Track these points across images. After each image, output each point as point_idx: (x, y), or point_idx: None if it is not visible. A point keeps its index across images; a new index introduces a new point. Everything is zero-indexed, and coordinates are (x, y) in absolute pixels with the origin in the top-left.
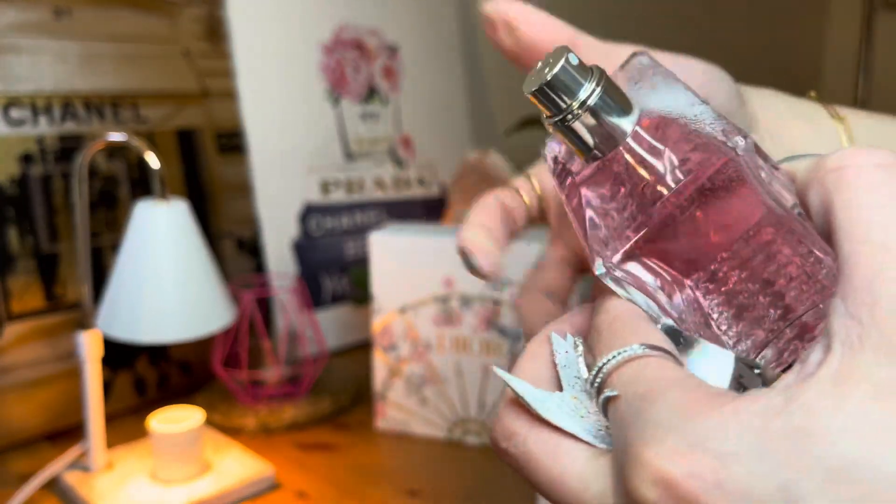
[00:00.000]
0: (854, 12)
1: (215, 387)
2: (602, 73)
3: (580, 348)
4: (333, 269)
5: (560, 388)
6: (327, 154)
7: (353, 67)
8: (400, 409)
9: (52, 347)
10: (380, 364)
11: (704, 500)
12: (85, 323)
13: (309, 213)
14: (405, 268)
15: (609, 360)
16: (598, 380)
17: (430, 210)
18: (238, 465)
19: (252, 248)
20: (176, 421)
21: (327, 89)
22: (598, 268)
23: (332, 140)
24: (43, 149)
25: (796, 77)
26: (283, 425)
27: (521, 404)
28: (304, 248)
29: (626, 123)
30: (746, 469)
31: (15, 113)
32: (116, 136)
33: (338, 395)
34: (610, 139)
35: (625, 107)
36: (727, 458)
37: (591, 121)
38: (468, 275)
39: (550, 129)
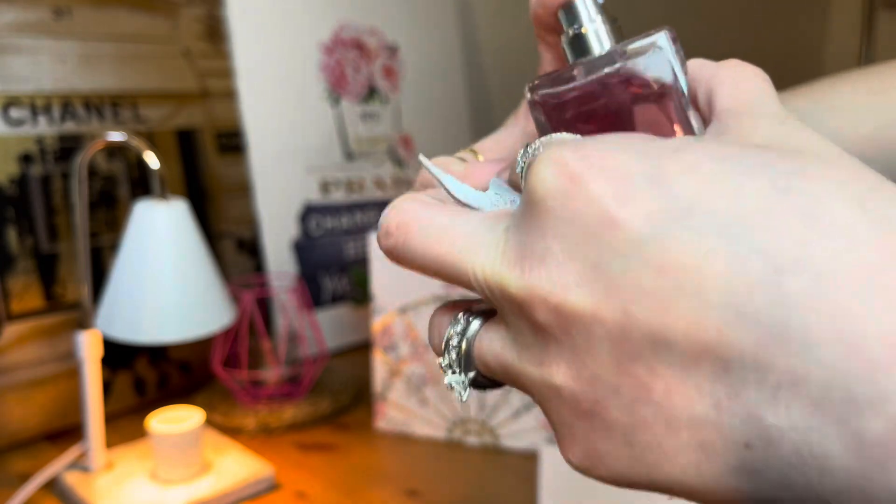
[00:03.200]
0: (855, 12)
1: (215, 387)
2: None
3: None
4: (333, 269)
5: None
6: (327, 154)
7: (353, 67)
8: (400, 409)
9: (51, 347)
10: (380, 364)
11: (588, 173)
12: (84, 323)
13: (309, 212)
14: None
15: (544, 139)
16: (530, 151)
17: None
18: (238, 465)
19: (252, 248)
20: (176, 421)
21: (327, 89)
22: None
23: (332, 140)
24: (42, 149)
25: (797, 77)
26: (283, 425)
27: (409, 197)
28: (304, 248)
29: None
30: (623, 158)
31: (14, 113)
32: (116, 136)
33: (338, 395)
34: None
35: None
36: (610, 150)
37: (594, 40)
38: None
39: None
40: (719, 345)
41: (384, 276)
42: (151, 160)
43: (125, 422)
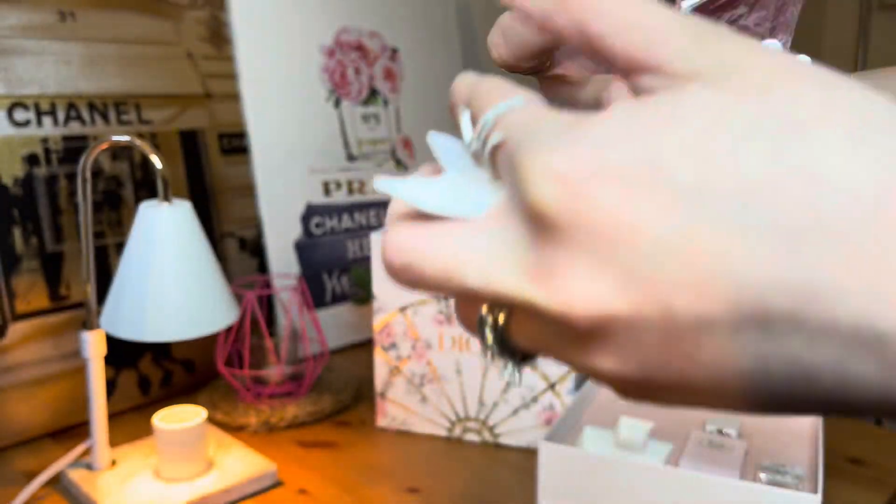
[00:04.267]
0: (850, 13)
1: (218, 385)
2: None
3: (465, 114)
4: (335, 269)
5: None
6: (329, 155)
7: (354, 69)
8: (400, 407)
9: (56, 346)
10: (380, 363)
11: (591, 185)
12: (89, 322)
13: (310, 213)
14: None
15: (494, 112)
16: (484, 132)
17: None
18: (240, 462)
19: (254, 248)
20: (179, 419)
21: (329, 91)
22: None
23: (334, 141)
24: (47, 150)
25: None
26: (285, 423)
27: (403, 219)
28: (306, 248)
29: None
30: (619, 152)
31: (19, 114)
32: (120, 138)
33: (339, 393)
34: None
35: None
36: (604, 147)
37: None
38: None
39: None
40: (758, 312)
41: (385, 276)
42: (155, 161)
43: (129, 420)
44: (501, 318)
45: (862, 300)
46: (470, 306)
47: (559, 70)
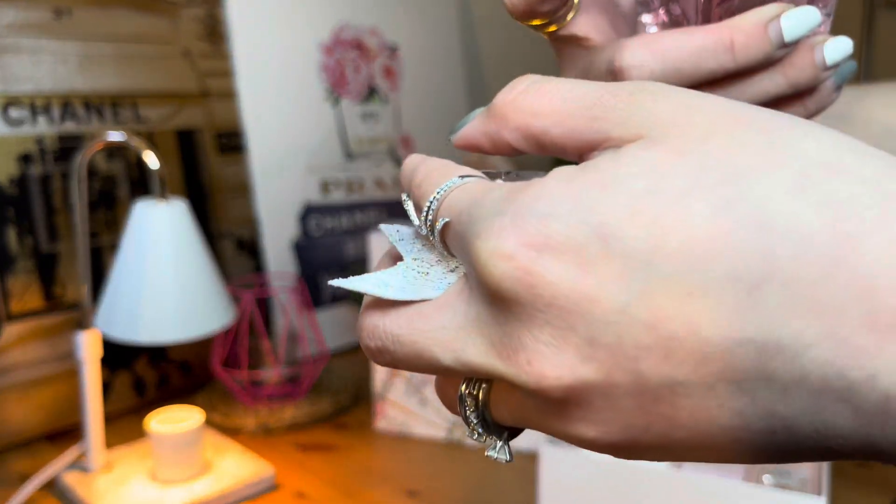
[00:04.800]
0: (854, 12)
1: (215, 387)
2: None
3: (409, 202)
4: (333, 269)
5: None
6: (327, 154)
7: (353, 67)
8: (400, 409)
9: (51, 348)
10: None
11: (542, 259)
12: (84, 323)
13: (309, 213)
14: None
15: (435, 198)
16: (429, 218)
17: None
18: (237, 465)
19: (252, 248)
20: (175, 421)
21: (327, 89)
22: None
23: (332, 140)
24: (42, 149)
25: None
26: (283, 426)
27: (373, 305)
28: (304, 248)
29: None
30: (563, 222)
31: (14, 113)
32: (116, 136)
33: (338, 395)
34: None
35: None
36: (548, 217)
37: None
38: None
39: None
40: (726, 370)
41: None
42: (151, 160)
43: (125, 422)
44: (481, 395)
45: (828, 351)
46: (449, 384)
47: (575, 29)
